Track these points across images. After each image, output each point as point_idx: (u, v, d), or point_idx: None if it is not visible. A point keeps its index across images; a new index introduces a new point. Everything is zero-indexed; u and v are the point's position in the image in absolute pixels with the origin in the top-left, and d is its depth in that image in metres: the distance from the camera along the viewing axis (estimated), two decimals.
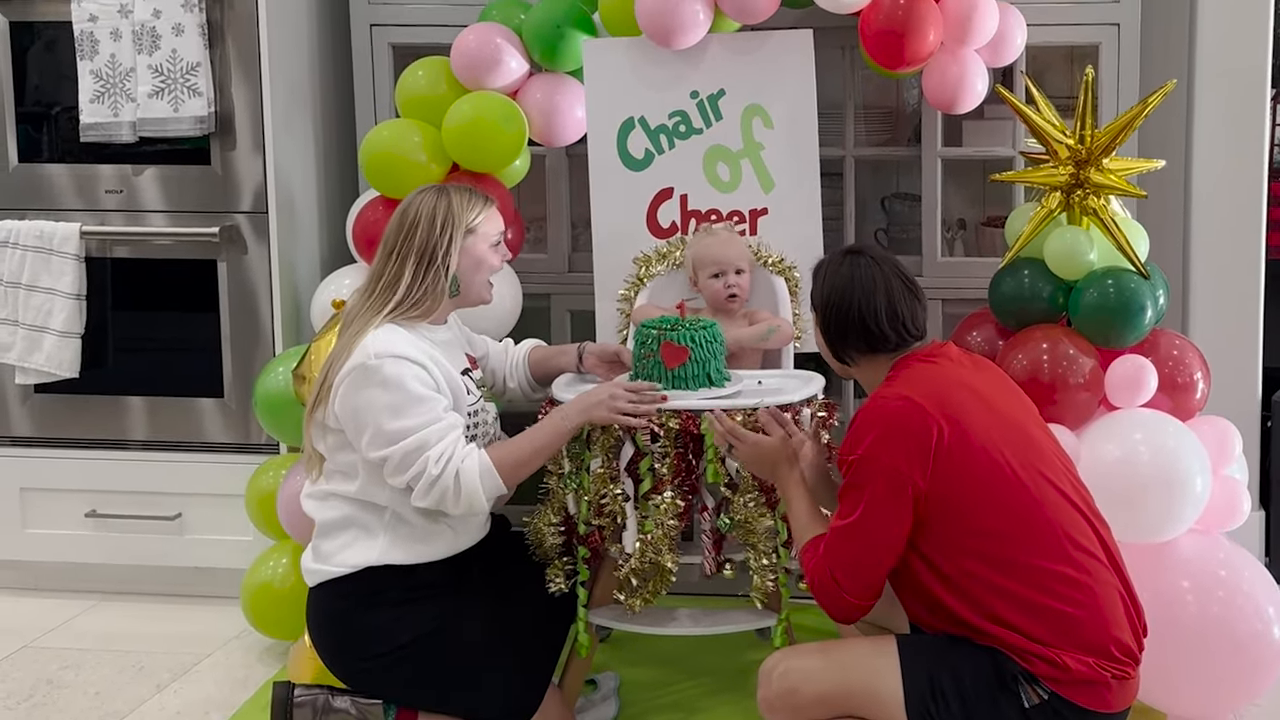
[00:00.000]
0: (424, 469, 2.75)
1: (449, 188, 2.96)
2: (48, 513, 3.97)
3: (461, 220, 2.90)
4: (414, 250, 2.87)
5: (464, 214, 2.90)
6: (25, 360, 3.85)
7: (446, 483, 2.76)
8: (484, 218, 2.94)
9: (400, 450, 2.74)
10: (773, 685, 2.53)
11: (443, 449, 2.76)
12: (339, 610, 2.85)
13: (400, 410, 2.75)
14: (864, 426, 2.48)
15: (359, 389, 2.76)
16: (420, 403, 2.77)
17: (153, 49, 3.73)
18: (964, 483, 2.43)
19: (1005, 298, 3.24)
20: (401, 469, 2.76)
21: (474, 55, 3.48)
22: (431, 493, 2.76)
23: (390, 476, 2.78)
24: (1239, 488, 3.17)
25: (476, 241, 2.92)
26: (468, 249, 2.91)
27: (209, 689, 3.43)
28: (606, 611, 3.04)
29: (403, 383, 2.76)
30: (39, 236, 3.81)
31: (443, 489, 2.76)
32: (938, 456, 2.43)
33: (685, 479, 2.89)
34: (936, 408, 2.45)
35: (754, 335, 3.30)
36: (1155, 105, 3.15)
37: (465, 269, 2.92)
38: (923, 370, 2.55)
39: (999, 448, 2.46)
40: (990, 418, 2.49)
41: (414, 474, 2.75)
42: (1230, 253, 3.68)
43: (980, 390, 2.54)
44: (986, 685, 2.42)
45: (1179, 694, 3.04)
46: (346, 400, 2.78)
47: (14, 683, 3.47)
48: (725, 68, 3.53)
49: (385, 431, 2.75)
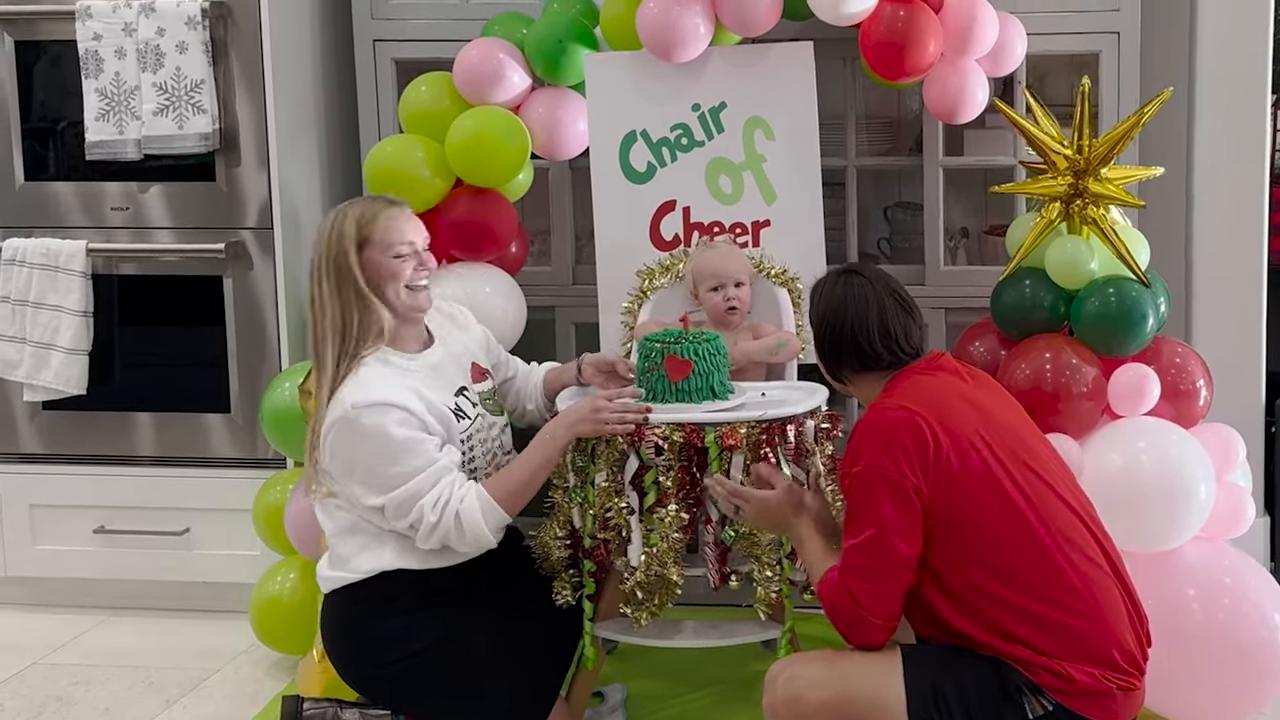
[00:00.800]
0: (421, 516, 2.75)
1: (354, 201, 2.90)
2: (56, 529, 3.99)
3: (348, 234, 2.82)
4: (320, 276, 2.83)
5: (353, 227, 2.82)
6: (33, 377, 3.86)
7: (447, 525, 2.76)
8: (381, 227, 2.84)
9: (394, 500, 2.74)
10: (777, 692, 2.53)
11: (437, 494, 2.75)
12: (352, 617, 2.86)
13: (387, 459, 2.73)
14: (864, 438, 2.48)
15: (343, 443, 2.75)
16: (407, 449, 2.74)
17: (157, 66, 3.75)
18: (964, 493, 2.44)
19: (1007, 308, 3.25)
20: (399, 516, 2.76)
21: (477, 70, 3.49)
22: (434, 536, 2.77)
23: (390, 523, 2.78)
24: (1243, 495, 3.17)
25: (373, 253, 2.84)
26: (368, 262, 2.84)
27: (218, 704, 3.44)
28: (613, 624, 3.05)
29: (385, 431, 2.73)
30: (45, 254, 3.83)
31: (444, 531, 2.76)
32: (937, 466, 2.43)
33: (689, 492, 2.89)
34: (934, 418, 2.45)
35: (763, 349, 3.31)
36: (1151, 114, 3.17)
37: (374, 284, 2.83)
38: (919, 382, 2.56)
39: (998, 458, 2.46)
40: (988, 428, 2.49)
41: (412, 521, 2.76)
42: (1232, 259, 3.68)
43: (977, 401, 2.54)
44: (990, 696, 2.42)
45: (1184, 702, 3.04)
46: (335, 456, 2.77)
47: (23, 699, 3.48)
48: (726, 80, 3.54)
49: (376, 482, 2.75)
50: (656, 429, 2.85)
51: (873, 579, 2.43)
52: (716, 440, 2.85)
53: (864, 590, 2.43)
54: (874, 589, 2.43)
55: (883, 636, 2.47)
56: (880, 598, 2.44)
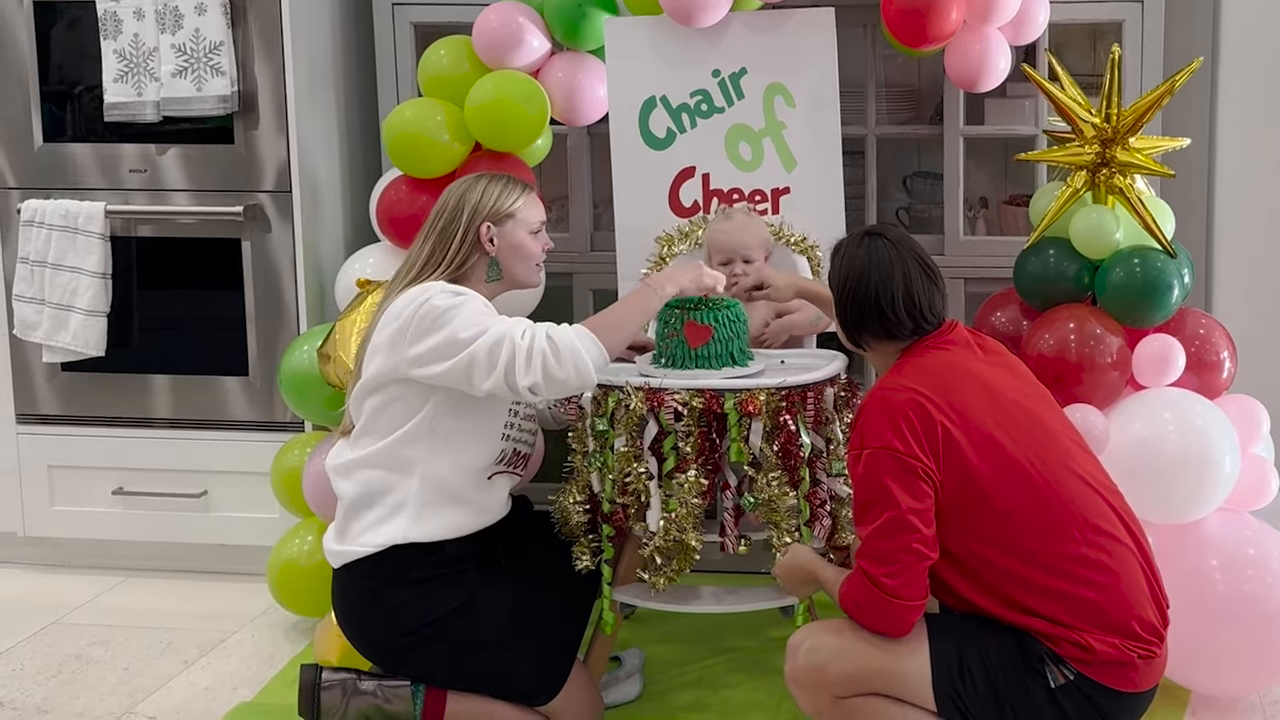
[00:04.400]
0: (514, 349, 2.70)
1: (488, 174, 2.98)
2: (75, 490, 4.00)
3: (490, 203, 2.91)
4: (440, 230, 2.90)
5: (497, 199, 2.92)
6: (52, 339, 3.87)
7: (541, 345, 2.71)
8: (522, 204, 2.95)
9: (483, 345, 2.71)
10: (799, 661, 2.53)
11: (522, 327, 2.74)
12: (365, 590, 2.86)
13: (471, 323, 2.74)
14: (870, 419, 2.47)
15: (429, 320, 2.74)
16: (489, 315, 2.78)
17: (175, 28, 3.74)
18: (975, 473, 2.43)
19: (1031, 277, 3.24)
20: (491, 364, 2.70)
21: (496, 34, 3.47)
22: (532, 364, 2.70)
23: (483, 379, 2.71)
24: (1267, 466, 3.17)
25: (515, 227, 2.93)
26: (505, 234, 2.92)
27: (236, 665, 3.46)
28: (631, 589, 3.06)
29: (468, 303, 2.77)
30: (64, 216, 3.83)
31: (541, 354, 2.70)
32: (947, 447, 2.42)
33: (709, 457, 2.90)
34: (942, 398, 2.44)
35: (805, 321, 3.31)
36: (1182, 83, 3.14)
37: (504, 253, 2.93)
38: (930, 358, 2.54)
39: (1009, 434, 2.45)
40: (997, 404, 2.48)
41: (506, 358, 2.70)
42: (1255, 231, 3.66)
43: (988, 376, 2.53)
44: (1014, 666, 2.42)
45: (1207, 673, 3.05)
46: (416, 335, 2.75)
47: (44, 658, 3.51)
48: (747, 46, 3.52)
49: (462, 339, 2.72)
50: (676, 394, 2.85)
51: (897, 561, 2.41)
52: (736, 406, 2.85)
53: (889, 573, 2.41)
54: (900, 570, 2.41)
55: (915, 616, 2.45)
56: (908, 579, 2.41)
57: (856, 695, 2.50)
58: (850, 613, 2.49)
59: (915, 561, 2.42)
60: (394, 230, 3.55)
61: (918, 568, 2.42)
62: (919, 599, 2.44)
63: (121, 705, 3.25)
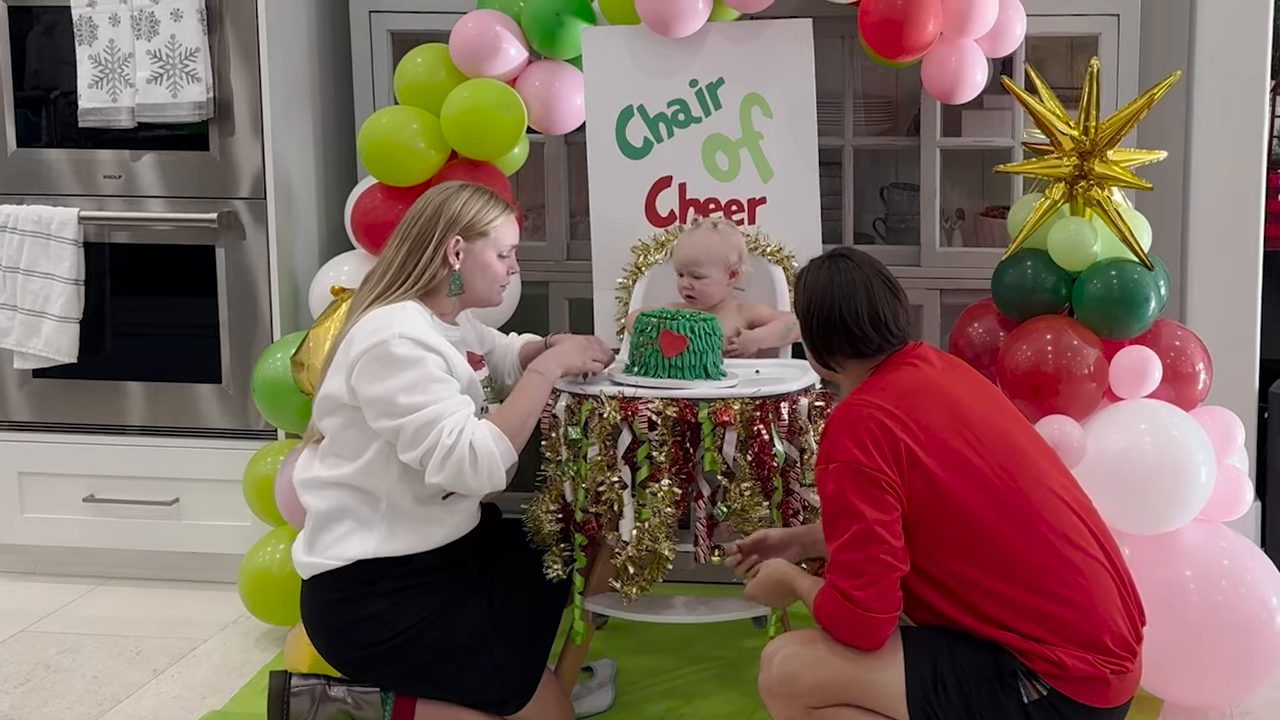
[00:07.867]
0: (438, 440, 2.74)
1: (470, 185, 2.97)
2: (46, 497, 3.97)
3: (467, 216, 2.90)
4: (414, 238, 2.89)
5: (475, 214, 2.91)
6: (24, 345, 3.84)
7: (462, 453, 2.75)
8: (499, 224, 2.95)
9: (415, 422, 2.74)
10: (773, 671, 2.53)
11: (456, 422, 2.76)
12: (333, 601, 2.85)
13: (416, 388, 2.75)
14: (834, 434, 2.48)
15: (380, 365, 2.76)
16: (438, 383, 2.78)
17: (151, 34, 3.72)
18: (942, 488, 2.43)
19: (1008, 288, 3.24)
20: (415, 442, 2.75)
21: (473, 42, 3.47)
22: (448, 465, 2.75)
23: (404, 451, 2.77)
24: (1241, 477, 3.17)
25: (486, 246, 2.93)
26: (475, 251, 2.92)
27: (206, 674, 3.43)
28: (603, 599, 3.05)
29: (423, 363, 2.76)
30: (37, 221, 3.81)
31: (459, 459, 2.75)
32: (910, 462, 2.43)
33: (682, 467, 2.89)
34: (906, 413, 2.45)
35: (773, 334, 3.31)
36: (1160, 96, 3.15)
37: (468, 270, 2.92)
38: (896, 375, 2.55)
39: (976, 450, 2.45)
40: (964, 420, 2.49)
41: (428, 446, 2.74)
42: (1229, 244, 3.67)
43: (954, 393, 2.53)
44: (987, 680, 2.42)
45: (1180, 683, 3.05)
46: (366, 375, 2.77)
47: (11, 667, 3.47)
48: (724, 56, 3.52)
49: (400, 405, 2.75)
50: (650, 403, 2.85)
51: (866, 573, 2.41)
52: (710, 416, 2.84)
53: (859, 585, 2.41)
54: (869, 582, 2.41)
55: (887, 629, 2.45)
56: (878, 591, 2.41)
57: (830, 706, 2.49)
58: (824, 627, 2.49)
59: (885, 573, 2.41)
60: (369, 238, 3.54)
61: (887, 579, 2.41)
62: (891, 611, 2.43)
63: (90, 713, 3.22)
